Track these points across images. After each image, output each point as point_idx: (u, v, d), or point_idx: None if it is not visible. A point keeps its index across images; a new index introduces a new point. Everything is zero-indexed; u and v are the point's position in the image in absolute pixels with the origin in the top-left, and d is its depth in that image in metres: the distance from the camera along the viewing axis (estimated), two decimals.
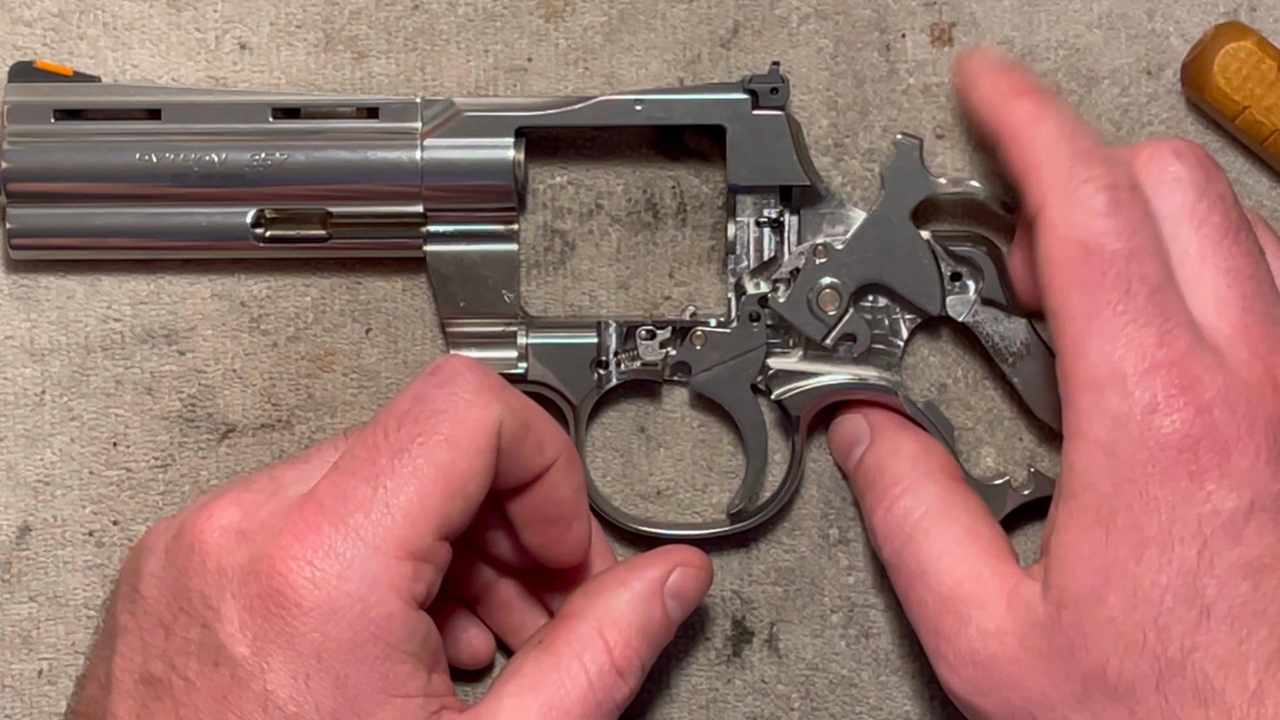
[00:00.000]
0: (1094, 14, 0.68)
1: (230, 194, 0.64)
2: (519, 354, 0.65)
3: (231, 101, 0.65)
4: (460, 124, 0.64)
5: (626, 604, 0.61)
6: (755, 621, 0.70)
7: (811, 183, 0.65)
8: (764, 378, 0.66)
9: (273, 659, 0.55)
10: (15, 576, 0.68)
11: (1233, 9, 0.68)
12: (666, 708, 0.70)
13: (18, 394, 0.69)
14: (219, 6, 0.68)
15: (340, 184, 0.64)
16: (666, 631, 0.62)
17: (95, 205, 0.65)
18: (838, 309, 0.65)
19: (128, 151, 0.64)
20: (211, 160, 0.64)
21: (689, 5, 0.68)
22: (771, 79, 0.64)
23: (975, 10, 0.68)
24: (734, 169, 0.65)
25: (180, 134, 0.64)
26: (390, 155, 0.64)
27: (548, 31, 0.68)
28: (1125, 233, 0.57)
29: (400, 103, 0.65)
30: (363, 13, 0.68)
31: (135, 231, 0.65)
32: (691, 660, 0.70)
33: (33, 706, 0.68)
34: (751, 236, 0.66)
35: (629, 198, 0.69)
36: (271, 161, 0.64)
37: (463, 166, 0.64)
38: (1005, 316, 0.65)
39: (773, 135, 0.65)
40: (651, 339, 0.66)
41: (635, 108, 0.65)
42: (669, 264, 0.69)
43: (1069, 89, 0.68)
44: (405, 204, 0.64)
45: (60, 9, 0.68)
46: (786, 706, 0.70)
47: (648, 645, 0.61)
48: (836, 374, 0.66)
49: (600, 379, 0.66)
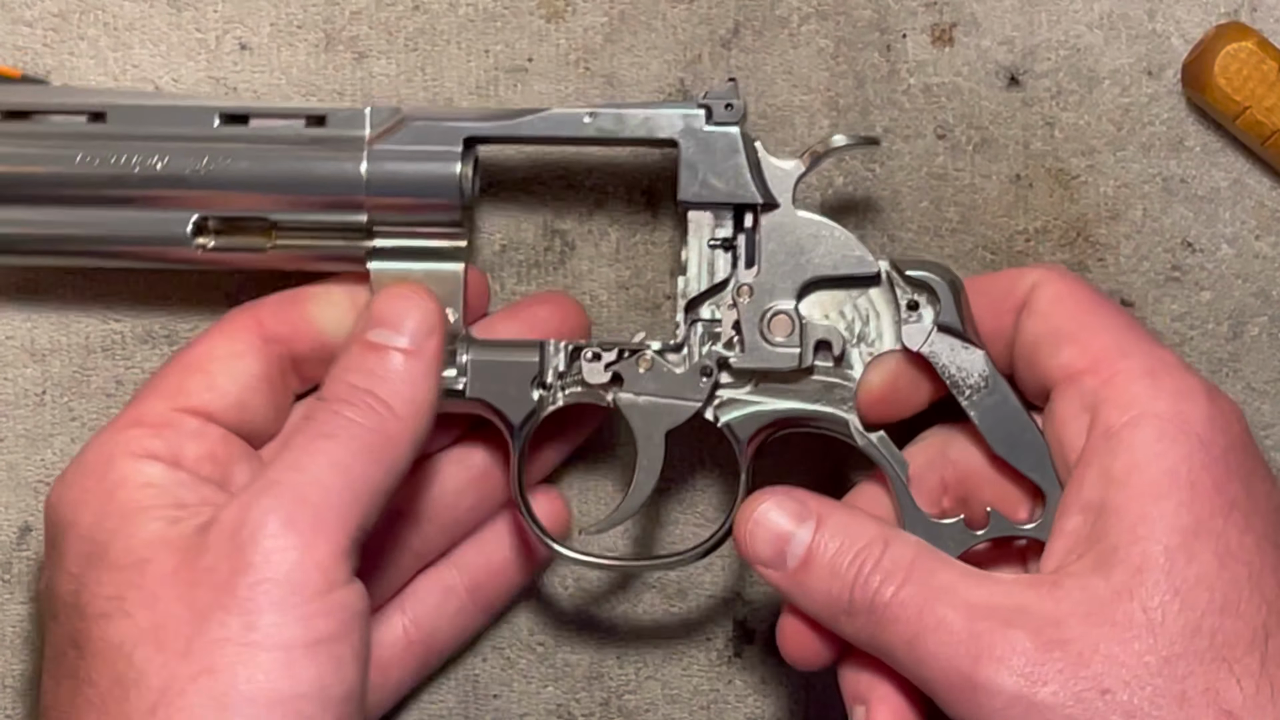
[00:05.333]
0: (1094, 14, 0.68)
1: (172, 199, 0.63)
2: (458, 370, 0.63)
3: (177, 106, 0.63)
4: (407, 133, 0.63)
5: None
6: (756, 621, 0.70)
7: (765, 200, 0.63)
8: (712, 408, 0.64)
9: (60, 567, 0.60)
10: (16, 577, 0.68)
11: (1233, 9, 0.68)
12: (667, 708, 0.70)
13: (18, 394, 0.69)
14: (219, 6, 0.68)
15: (284, 193, 0.63)
16: (381, 357, 0.61)
17: (34, 208, 0.63)
18: (793, 329, 0.63)
19: (70, 154, 0.63)
20: (153, 165, 0.62)
21: (689, 5, 0.68)
22: (726, 95, 0.63)
23: (975, 10, 0.68)
24: (685, 185, 0.63)
25: (124, 137, 0.63)
26: (335, 164, 0.62)
27: (548, 32, 0.68)
28: None
29: (348, 112, 0.63)
30: (363, 13, 0.68)
31: (73, 236, 0.63)
32: (692, 660, 0.70)
33: (33, 707, 0.68)
34: (703, 258, 0.63)
35: (628, 198, 0.69)
36: (215, 167, 0.62)
37: (408, 177, 0.62)
38: (963, 346, 0.63)
39: (726, 152, 0.63)
40: (596, 361, 0.64)
41: (585, 120, 0.63)
42: (669, 264, 0.69)
43: (1069, 89, 0.68)
44: (349, 213, 0.63)
45: (60, 9, 0.68)
46: (787, 706, 0.70)
47: (350, 372, 0.61)
48: (789, 403, 0.64)
49: (542, 400, 0.64)
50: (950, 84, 0.68)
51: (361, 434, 0.59)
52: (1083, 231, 0.69)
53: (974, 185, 0.69)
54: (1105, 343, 0.61)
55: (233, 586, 0.56)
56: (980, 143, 0.68)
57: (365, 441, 0.59)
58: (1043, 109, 0.68)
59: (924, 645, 0.58)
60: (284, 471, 0.58)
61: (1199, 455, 0.59)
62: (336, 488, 0.58)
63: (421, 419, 0.61)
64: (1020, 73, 0.68)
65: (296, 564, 0.57)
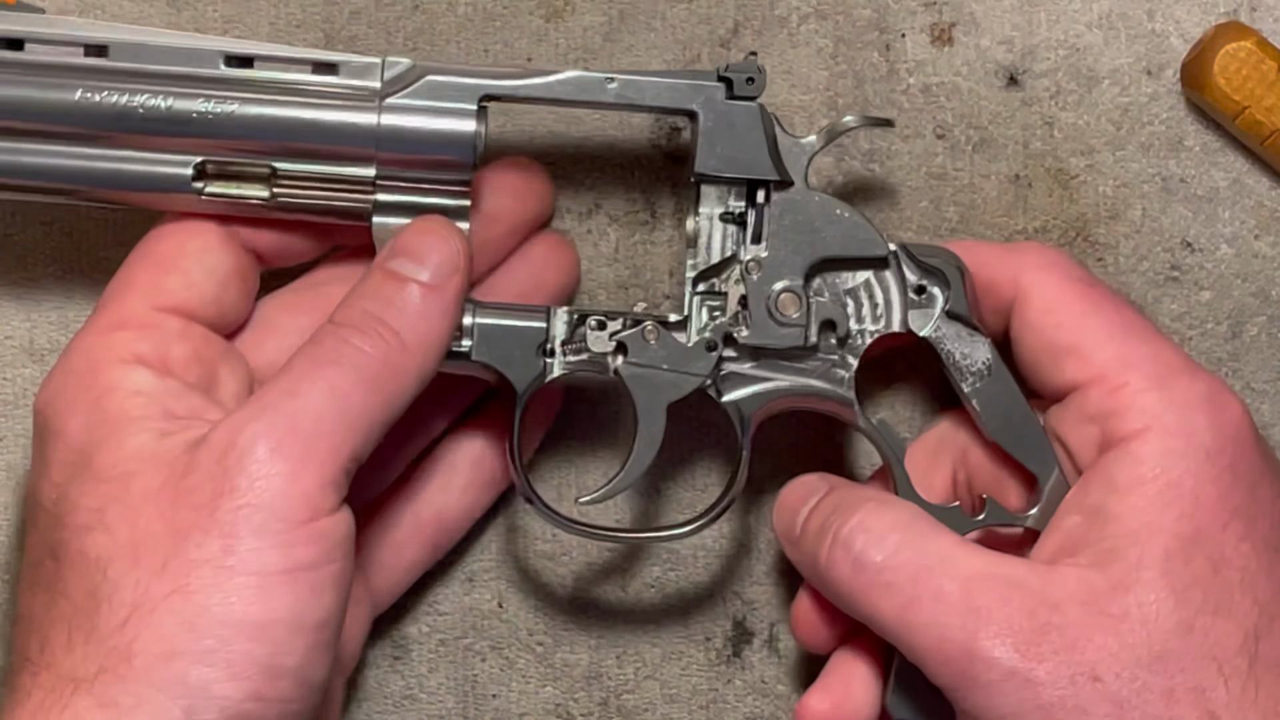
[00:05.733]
0: (1094, 14, 0.68)
1: (174, 142, 0.61)
2: (463, 332, 0.62)
3: (182, 46, 0.61)
4: (422, 88, 0.61)
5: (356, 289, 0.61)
6: (755, 621, 0.70)
7: (780, 177, 0.63)
8: (714, 381, 0.63)
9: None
10: (16, 577, 0.68)
11: (1233, 9, 0.68)
12: (666, 708, 0.70)
13: (17, 394, 0.69)
14: (219, 6, 0.68)
15: (291, 140, 0.61)
16: (400, 289, 0.60)
17: (28, 141, 0.61)
18: (801, 307, 0.63)
19: (69, 88, 0.60)
20: (157, 105, 0.60)
21: (689, 5, 0.68)
22: (747, 68, 0.62)
23: (975, 10, 0.68)
24: (702, 157, 0.62)
25: (126, 74, 0.60)
26: (346, 115, 0.61)
27: (548, 31, 0.68)
28: None
29: (361, 61, 0.61)
30: (363, 13, 0.68)
31: (68, 174, 0.61)
32: (691, 660, 0.70)
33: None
34: (715, 230, 0.63)
35: (628, 198, 0.69)
36: (221, 111, 0.61)
37: (421, 133, 0.61)
38: (969, 334, 0.63)
39: (745, 125, 0.62)
40: (601, 329, 0.63)
41: (607, 85, 0.62)
42: (668, 264, 0.69)
43: (1068, 89, 0.68)
44: (357, 166, 0.61)
45: (60, 9, 0.68)
46: (786, 706, 0.70)
47: (368, 300, 0.60)
48: (792, 379, 0.64)
49: (546, 365, 0.63)
50: (949, 84, 0.68)
51: (366, 363, 0.58)
52: (1082, 231, 0.69)
53: (973, 185, 0.69)
54: (1108, 354, 0.61)
55: (214, 508, 0.56)
56: (979, 142, 0.68)
57: (369, 371, 0.58)
58: (1042, 109, 0.68)
59: (917, 614, 0.59)
60: (280, 396, 0.58)
61: (1205, 470, 0.59)
62: (332, 416, 0.57)
63: (431, 356, 0.60)
64: (1019, 72, 0.68)
65: (281, 491, 0.56)
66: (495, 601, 0.70)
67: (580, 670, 0.70)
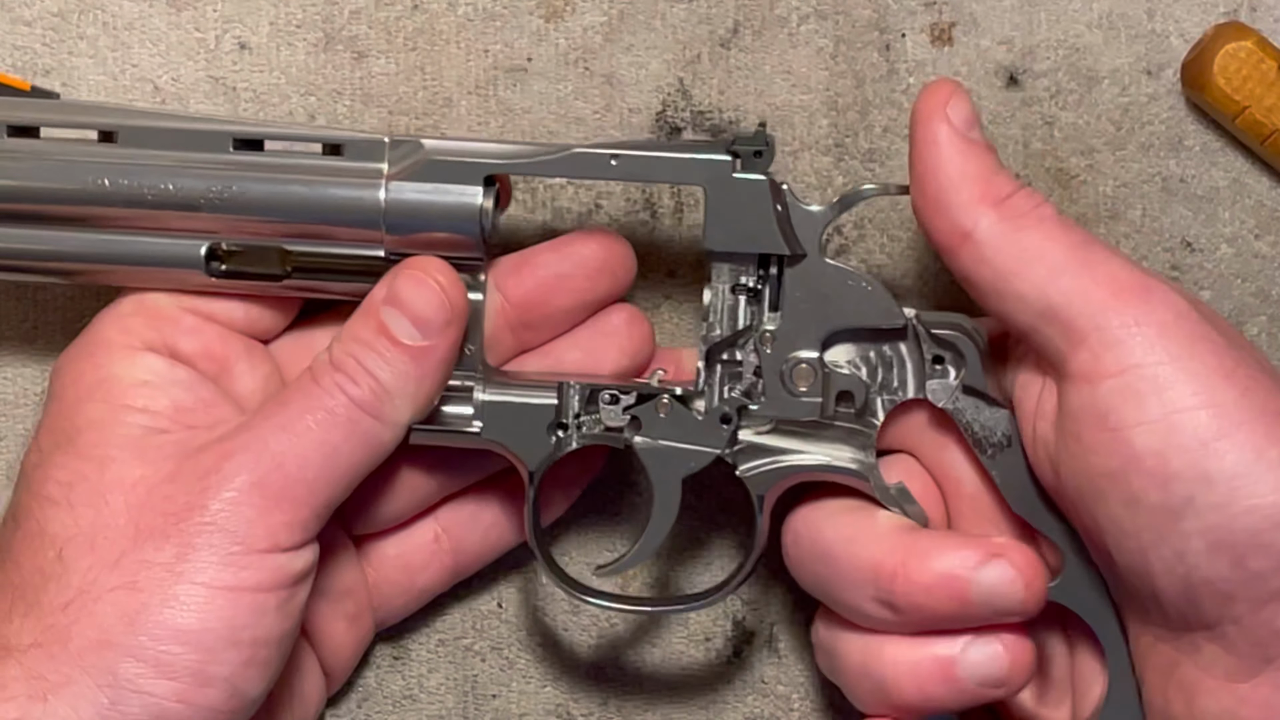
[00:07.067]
0: (1094, 14, 0.68)
1: (185, 224, 0.62)
2: (474, 411, 0.63)
3: (191, 129, 0.62)
4: (427, 168, 0.61)
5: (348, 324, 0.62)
6: (755, 621, 0.70)
7: (791, 251, 0.62)
8: (730, 451, 0.63)
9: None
10: None
11: (1233, 9, 0.68)
12: (666, 708, 0.70)
13: (17, 394, 0.69)
14: (219, 6, 0.68)
15: (299, 222, 0.62)
16: (385, 336, 0.60)
17: (42, 227, 0.62)
18: (816, 378, 0.62)
19: (81, 174, 0.61)
20: (166, 188, 0.61)
21: (689, 5, 0.68)
22: (757, 141, 0.61)
23: (975, 10, 0.68)
24: (711, 234, 0.61)
25: (136, 159, 0.62)
26: (352, 195, 0.61)
27: (547, 31, 0.68)
28: None
29: (367, 140, 0.62)
30: (363, 12, 0.68)
31: (83, 257, 0.62)
32: (691, 660, 0.70)
33: None
34: (726, 304, 0.62)
35: (628, 198, 0.69)
36: (229, 193, 0.61)
37: (427, 212, 0.61)
38: (987, 406, 0.62)
39: (753, 201, 0.61)
40: (615, 403, 0.62)
41: (610, 162, 0.61)
42: (668, 264, 0.69)
43: (1068, 88, 0.68)
44: (366, 247, 0.62)
45: (60, 9, 0.68)
46: (786, 706, 0.70)
47: (361, 348, 0.60)
48: (809, 453, 0.63)
49: (559, 442, 0.63)
50: None
51: (359, 419, 0.60)
52: None
53: None
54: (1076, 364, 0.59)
55: (180, 519, 0.58)
56: None
57: (360, 427, 0.60)
58: (1042, 108, 0.68)
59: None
60: (273, 431, 0.59)
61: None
62: (316, 464, 0.59)
63: (422, 409, 0.61)
64: (1019, 72, 0.68)
65: (247, 520, 0.58)
66: (495, 601, 0.70)
67: (580, 670, 0.70)
